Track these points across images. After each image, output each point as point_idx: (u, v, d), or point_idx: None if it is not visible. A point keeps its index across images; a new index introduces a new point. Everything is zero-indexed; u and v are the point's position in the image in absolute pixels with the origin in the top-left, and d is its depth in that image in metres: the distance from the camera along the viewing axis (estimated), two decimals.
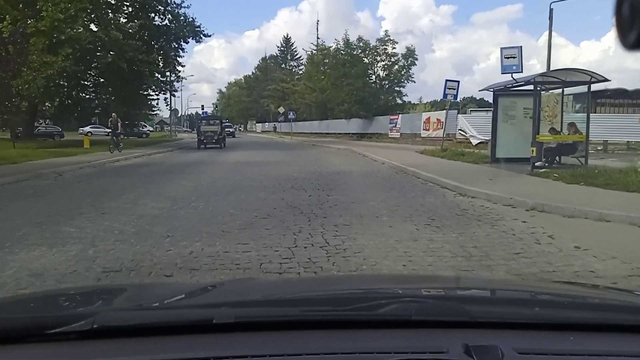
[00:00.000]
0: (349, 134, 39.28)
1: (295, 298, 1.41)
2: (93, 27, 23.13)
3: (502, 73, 12.41)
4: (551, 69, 19.89)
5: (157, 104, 34.92)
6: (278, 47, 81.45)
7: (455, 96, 17.30)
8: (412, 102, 38.86)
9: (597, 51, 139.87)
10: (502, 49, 12.54)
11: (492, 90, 13.34)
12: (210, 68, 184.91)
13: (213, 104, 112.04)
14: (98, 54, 24.09)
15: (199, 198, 8.53)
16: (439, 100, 77.73)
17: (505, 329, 1.09)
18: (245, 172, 13.48)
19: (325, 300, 1.35)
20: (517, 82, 11.90)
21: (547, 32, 23.50)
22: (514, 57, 12.33)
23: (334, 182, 11.12)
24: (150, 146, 28.56)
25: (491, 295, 1.63)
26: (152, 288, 2.17)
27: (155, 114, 55.93)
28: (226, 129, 48.26)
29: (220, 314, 1.10)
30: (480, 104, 59.46)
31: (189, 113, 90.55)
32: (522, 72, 12.48)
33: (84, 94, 30.05)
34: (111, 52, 22.98)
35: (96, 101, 29.37)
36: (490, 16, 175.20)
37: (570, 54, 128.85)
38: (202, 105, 73.32)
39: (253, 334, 1.05)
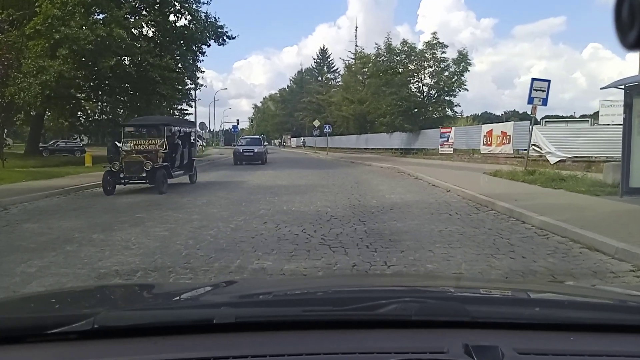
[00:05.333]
0: (391, 149, 34.93)
1: (295, 298, 1.41)
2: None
3: None
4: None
5: (194, 119, 31.24)
6: (314, 59, 77.88)
7: (545, 101, 12.90)
8: (451, 116, 33.84)
9: None
10: None
11: (622, 87, 8.98)
12: (249, 84, 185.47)
13: (249, 118, 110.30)
14: (114, 56, 20.51)
15: (146, 277, 4.58)
16: (479, 114, 72.47)
17: (506, 329, 1.07)
18: (259, 205, 9.52)
19: (325, 300, 1.36)
20: None
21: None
22: None
23: (388, 228, 7.02)
24: None
25: (491, 295, 1.56)
26: (153, 288, 1.95)
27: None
28: (253, 148, 25.33)
29: (220, 314, 1.09)
30: (523, 117, 54.30)
31: (227, 128, 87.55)
32: None
33: (99, 104, 26.99)
34: (117, 55, 19.53)
35: (108, 112, 26.10)
36: (532, 29, 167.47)
37: (617, 67, 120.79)
38: (238, 120, 70.30)
39: (253, 334, 1.04)
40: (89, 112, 29.38)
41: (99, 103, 27.53)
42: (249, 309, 1.23)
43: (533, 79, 12.90)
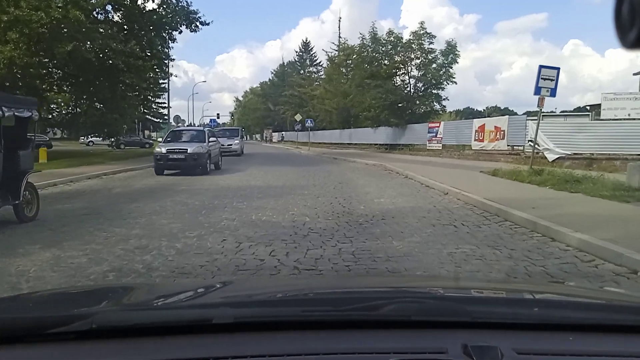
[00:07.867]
0: (376, 144, 33.42)
1: (295, 298, 1.38)
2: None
3: None
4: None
5: (167, 111, 29.05)
6: (297, 52, 75.85)
7: (554, 91, 11.41)
8: (438, 111, 32.31)
9: (625, 60, 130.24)
10: None
11: None
12: (232, 77, 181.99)
13: (230, 112, 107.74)
14: (72, 41, 18.28)
15: None
16: (462, 109, 71.12)
17: (505, 329, 1.05)
18: (223, 214, 7.83)
19: (325, 300, 1.33)
20: None
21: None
22: None
23: (383, 249, 5.40)
24: (133, 160, 23.14)
25: (491, 295, 1.53)
26: (152, 288, 1.97)
27: (167, 122, 50.65)
28: (185, 148, 15.46)
29: (219, 314, 1.09)
30: (504, 113, 53.80)
31: (206, 122, 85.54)
32: None
33: (73, 96, 24.80)
34: (75, 40, 17.47)
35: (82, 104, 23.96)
36: (514, 25, 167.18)
37: (597, 63, 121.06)
38: (218, 114, 68.10)
39: (252, 334, 1.03)
40: (62, 104, 27.14)
41: (72, 95, 25.31)
42: (248, 309, 1.20)
43: (541, 66, 11.35)
